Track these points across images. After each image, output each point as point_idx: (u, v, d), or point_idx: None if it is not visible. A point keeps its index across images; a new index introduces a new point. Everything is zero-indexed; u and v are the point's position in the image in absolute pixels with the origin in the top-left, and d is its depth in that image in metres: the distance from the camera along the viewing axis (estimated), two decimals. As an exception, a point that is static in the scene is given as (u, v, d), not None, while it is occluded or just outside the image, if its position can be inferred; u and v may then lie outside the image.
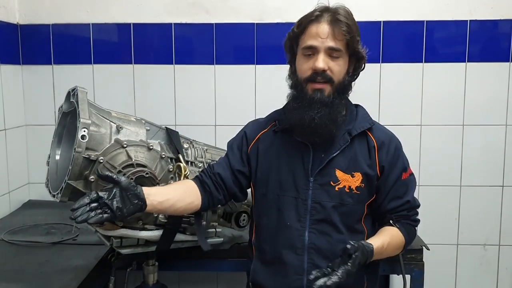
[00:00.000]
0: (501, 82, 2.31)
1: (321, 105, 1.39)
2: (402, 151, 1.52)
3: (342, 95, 1.44)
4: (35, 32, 2.33)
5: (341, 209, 1.44)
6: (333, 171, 1.44)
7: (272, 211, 1.49)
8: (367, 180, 1.45)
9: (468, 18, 2.28)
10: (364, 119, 1.49)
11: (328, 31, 1.38)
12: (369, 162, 1.46)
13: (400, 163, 1.49)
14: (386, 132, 1.52)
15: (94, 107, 1.47)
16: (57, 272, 1.53)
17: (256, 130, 1.58)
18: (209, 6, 2.32)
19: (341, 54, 1.40)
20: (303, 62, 1.42)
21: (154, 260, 1.72)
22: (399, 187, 1.48)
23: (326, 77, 1.39)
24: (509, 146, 2.35)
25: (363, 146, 1.47)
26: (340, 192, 1.43)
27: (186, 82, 2.37)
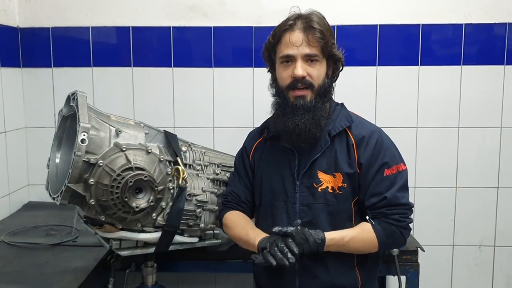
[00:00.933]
0: (496, 84, 2.33)
1: (304, 111, 1.43)
2: (386, 146, 1.48)
3: (324, 98, 1.47)
4: (35, 35, 2.35)
5: (327, 210, 1.46)
6: (315, 173, 1.47)
7: (267, 217, 1.54)
8: (348, 179, 1.46)
9: (464, 21, 2.30)
10: (343, 118, 1.51)
11: (303, 38, 1.41)
12: (349, 160, 1.47)
13: (381, 158, 1.46)
14: (368, 128, 1.51)
15: (93, 111, 1.49)
16: (57, 274, 1.56)
17: (251, 141, 1.65)
18: (208, 9, 2.34)
19: (318, 59, 1.43)
20: (282, 70, 1.47)
21: (153, 262, 1.74)
22: (379, 183, 1.45)
23: (306, 82, 1.43)
24: (504, 148, 2.37)
25: (343, 145, 1.48)
26: (324, 193, 1.46)
27: (185, 84, 2.39)
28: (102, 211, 1.43)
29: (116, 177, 1.39)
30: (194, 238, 1.65)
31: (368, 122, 1.55)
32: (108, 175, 1.39)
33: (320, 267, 1.47)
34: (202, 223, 1.61)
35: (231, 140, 2.36)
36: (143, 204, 1.45)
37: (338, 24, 2.30)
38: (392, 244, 1.50)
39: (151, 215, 1.51)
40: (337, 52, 1.48)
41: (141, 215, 1.48)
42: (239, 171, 1.65)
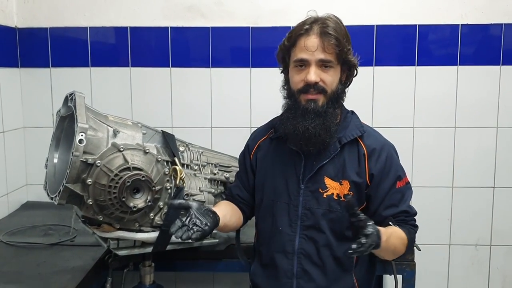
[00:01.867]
0: (492, 85, 2.35)
1: (315, 115, 1.42)
2: (396, 159, 1.51)
3: (336, 103, 1.46)
4: (33, 35, 2.36)
5: (330, 216, 1.46)
6: (322, 178, 1.46)
7: (267, 216, 1.54)
8: (355, 188, 1.46)
9: (460, 22, 2.31)
10: (355, 127, 1.50)
11: (318, 44, 1.40)
12: (358, 170, 1.47)
13: (393, 172, 1.48)
14: (379, 140, 1.52)
15: (91, 111, 1.49)
16: (55, 273, 1.56)
17: (255, 139, 1.64)
18: (205, 10, 2.35)
19: (332, 65, 1.42)
20: (295, 74, 1.45)
21: (151, 261, 1.75)
22: (393, 195, 1.48)
23: (319, 88, 1.42)
24: (500, 147, 2.39)
25: (353, 154, 1.48)
26: (328, 199, 1.45)
27: (183, 84, 2.40)
28: (99, 211, 1.44)
29: (114, 177, 1.40)
30: (192, 237, 1.65)
31: (378, 133, 1.56)
32: (106, 175, 1.40)
33: (318, 271, 1.48)
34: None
35: (228, 140, 2.39)
36: (141, 204, 1.46)
37: (335, 24, 2.31)
38: (411, 247, 1.51)
39: (148, 215, 1.52)
40: (352, 58, 1.46)
41: (138, 215, 1.49)
42: (240, 168, 1.67)
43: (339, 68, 1.45)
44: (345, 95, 1.51)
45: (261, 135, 1.63)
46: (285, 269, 1.50)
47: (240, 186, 1.64)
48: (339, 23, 1.45)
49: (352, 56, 1.47)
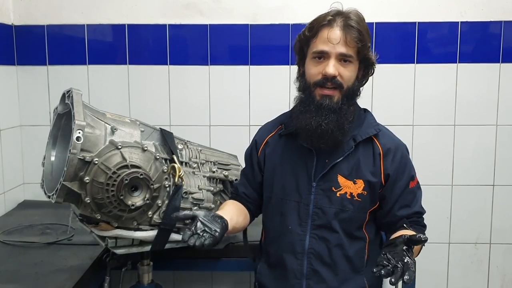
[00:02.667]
0: (492, 82, 2.34)
1: (329, 112, 1.38)
2: (409, 159, 1.49)
3: (351, 100, 1.43)
4: (30, 33, 2.34)
5: (342, 215, 1.43)
6: (335, 177, 1.43)
7: (275, 215, 1.52)
8: (369, 187, 1.43)
9: (459, 19, 2.30)
10: (370, 125, 1.47)
11: (340, 37, 1.36)
12: (373, 169, 1.44)
13: (407, 171, 1.47)
14: (393, 139, 1.50)
15: (89, 108, 1.48)
16: (52, 273, 1.55)
17: (263, 135, 1.61)
18: (203, 7, 2.33)
19: (352, 60, 1.39)
20: (313, 66, 1.41)
21: (149, 260, 1.74)
22: (406, 195, 1.46)
23: (336, 83, 1.38)
24: (500, 145, 2.38)
25: (368, 153, 1.45)
26: (341, 198, 1.43)
27: (181, 82, 2.38)
28: (97, 209, 1.42)
29: (112, 175, 1.38)
30: (190, 236, 1.64)
31: (392, 132, 1.54)
32: (104, 173, 1.38)
33: (329, 271, 1.45)
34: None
35: (227, 138, 2.38)
36: (139, 202, 1.44)
37: (334, 22, 2.30)
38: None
39: (147, 213, 1.50)
40: (371, 55, 1.44)
41: (136, 213, 1.47)
42: (245, 165, 1.65)
43: (357, 64, 1.42)
44: (360, 93, 1.48)
45: (269, 131, 1.60)
46: (294, 270, 1.47)
47: (245, 184, 1.62)
48: (362, 18, 1.42)
49: (371, 54, 1.44)
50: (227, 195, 1.75)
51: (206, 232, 1.27)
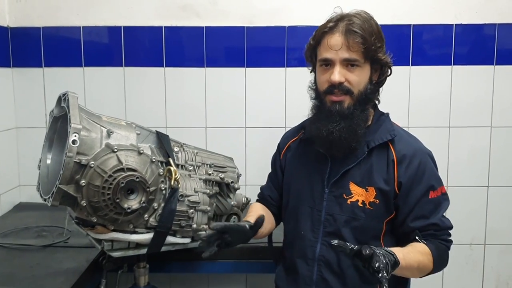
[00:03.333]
0: (486, 84, 2.36)
1: (340, 118, 1.35)
2: (431, 167, 1.41)
3: (364, 105, 1.39)
4: (26, 35, 2.34)
5: (353, 224, 1.39)
6: (347, 184, 1.40)
7: (291, 219, 1.52)
8: (382, 196, 1.38)
9: (454, 22, 2.32)
10: (386, 130, 1.42)
11: (342, 42, 1.33)
12: (386, 176, 1.38)
13: (426, 180, 1.38)
14: (412, 145, 1.42)
15: (84, 111, 1.48)
16: (48, 275, 1.55)
17: (286, 139, 1.62)
18: (200, 9, 2.34)
19: (359, 64, 1.35)
20: (321, 74, 1.40)
21: (145, 262, 1.74)
22: (424, 205, 1.38)
23: (344, 89, 1.35)
24: (494, 147, 2.40)
25: (382, 159, 1.39)
26: (352, 206, 1.39)
27: (177, 84, 2.39)
28: (93, 212, 1.42)
29: (108, 178, 1.39)
30: (187, 239, 1.64)
31: (412, 137, 1.47)
32: (100, 176, 1.39)
33: (338, 280, 1.42)
34: (194, 223, 1.61)
35: (223, 139, 2.39)
36: (135, 205, 1.44)
37: (330, 24, 2.31)
38: (442, 263, 1.41)
39: (143, 216, 1.50)
40: (383, 56, 1.39)
41: (133, 216, 1.47)
42: (271, 169, 1.67)
43: (367, 67, 1.37)
44: (377, 95, 1.45)
45: (292, 136, 1.60)
46: (304, 276, 1.45)
47: (271, 187, 1.62)
48: (368, 19, 1.38)
49: (384, 54, 1.39)
50: (223, 197, 1.75)
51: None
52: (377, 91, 1.44)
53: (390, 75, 1.45)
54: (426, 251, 1.35)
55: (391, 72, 1.45)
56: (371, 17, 1.39)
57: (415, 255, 1.32)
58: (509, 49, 2.33)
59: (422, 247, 1.36)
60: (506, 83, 2.35)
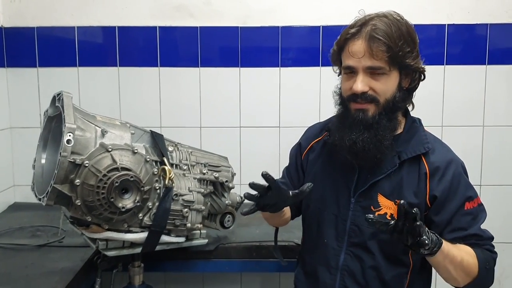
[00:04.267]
0: (478, 84, 2.38)
1: (364, 127, 1.29)
2: (465, 178, 1.34)
3: (392, 114, 1.31)
4: (20, 35, 2.34)
5: (380, 237, 1.32)
6: (375, 195, 1.33)
7: (313, 225, 1.47)
8: None
9: (446, 22, 2.33)
10: (420, 142, 1.35)
11: (364, 49, 1.25)
12: (416, 189, 1.32)
13: (462, 191, 1.31)
14: (445, 156, 1.34)
15: (79, 111, 1.49)
16: (43, 275, 1.55)
17: (309, 139, 1.55)
18: (194, 10, 2.34)
19: (384, 71, 1.27)
20: (345, 80, 1.34)
21: (140, 262, 1.74)
22: (461, 218, 1.30)
23: (368, 98, 1.28)
24: (486, 146, 2.42)
25: (414, 172, 1.33)
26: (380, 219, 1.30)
27: (171, 84, 2.39)
28: (88, 211, 1.43)
29: (102, 177, 1.40)
30: (181, 238, 1.65)
31: (445, 147, 1.40)
32: (94, 176, 1.39)
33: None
34: (188, 222, 1.62)
35: (218, 139, 2.40)
36: (129, 205, 1.45)
37: (323, 24, 2.33)
38: (488, 274, 1.30)
39: (137, 215, 1.51)
40: (413, 61, 1.29)
41: (127, 216, 1.48)
42: (289, 166, 1.59)
43: (396, 73, 1.29)
44: (409, 102, 1.38)
45: (316, 136, 1.53)
46: (326, 284, 1.41)
47: (288, 184, 1.54)
48: (397, 22, 1.28)
49: (415, 59, 1.30)
50: (217, 196, 1.77)
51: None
52: (408, 98, 1.37)
53: (424, 79, 1.37)
54: (470, 252, 1.28)
55: (424, 77, 1.36)
56: (400, 19, 1.30)
57: (459, 250, 1.25)
58: (501, 49, 2.35)
59: (467, 248, 1.28)
60: (497, 82, 2.37)
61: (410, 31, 1.31)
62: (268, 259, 1.85)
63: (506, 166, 2.44)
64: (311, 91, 2.37)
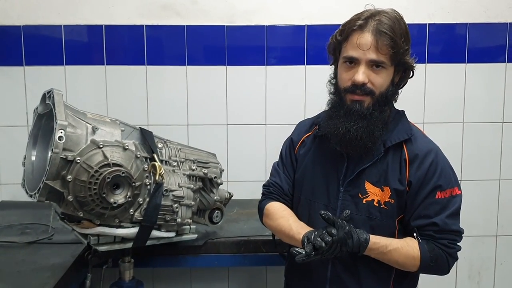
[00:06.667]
0: (458, 82, 2.45)
1: (359, 118, 1.33)
2: (442, 168, 1.37)
3: (384, 106, 1.36)
4: (6, 33, 2.33)
5: (369, 223, 1.38)
6: (362, 183, 1.38)
7: (304, 216, 1.49)
8: (396, 195, 1.36)
9: (427, 21, 2.40)
10: (403, 130, 1.40)
11: (371, 43, 1.30)
12: (400, 176, 1.36)
13: (435, 180, 1.35)
14: (425, 145, 1.39)
15: (70, 108, 1.50)
16: (34, 271, 1.56)
17: (300, 134, 1.58)
18: (180, 8, 2.37)
19: (384, 66, 1.32)
20: (344, 71, 1.37)
21: (130, 257, 1.77)
22: (428, 205, 1.35)
23: (366, 90, 1.33)
24: (466, 142, 2.49)
25: (396, 159, 1.37)
26: (368, 205, 1.37)
27: (158, 82, 2.41)
28: (80, 207, 1.45)
29: (94, 173, 1.42)
30: (171, 233, 1.68)
31: (427, 138, 1.45)
32: (86, 172, 1.41)
33: (352, 279, 1.41)
34: (179, 218, 1.65)
35: (205, 137, 2.42)
36: (121, 200, 1.48)
37: (308, 24, 2.37)
38: (435, 268, 1.38)
39: (128, 210, 1.54)
40: (409, 59, 1.36)
41: (118, 211, 1.51)
42: (284, 162, 1.59)
43: (392, 69, 1.35)
44: (397, 96, 1.43)
45: (306, 131, 1.57)
46: (318, 272, 1.45)
47: (289, 182, 1.57)
48: (399, 20, 1.33)
49: (409, 57, 1.36)
50: (206, 192, 1.80)
51: None
52: (397, 93, 1.43)
53: (412, 77, 1.43)
54: (413, 249, 1.35)
55: (413, 74, 1.42)
56: (401, 17, 1.35)
57: (394, 252, 1.34)
58: (479, 48, 2.42)
59: (411, 244, 1.35)
60: (476, 80, 2.45)
61: (408, 30, 1.36)
62: (256, 253, 1.88)
63: (485, 161, 2.52)
64: (296, 89, 2.42)
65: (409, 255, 1.35)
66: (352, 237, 1.28)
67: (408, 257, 1.35)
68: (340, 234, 1.26)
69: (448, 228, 1.35)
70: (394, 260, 1.36)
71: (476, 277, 2.61)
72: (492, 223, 2.57)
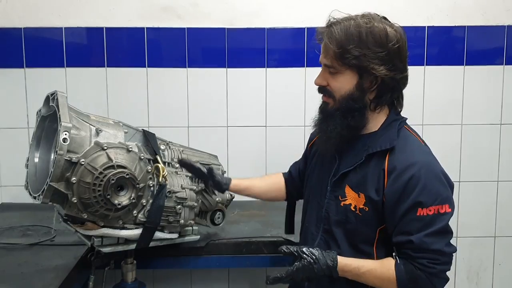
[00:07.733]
0: (457, 84, 2.47)
1: (326, 116, 1.41)
2: (425, 184, 1.29)
3: (349, 112, 1.36)
4: (7, 35, 2.33)
5: (345, 226, 1.40)
6: (344, 186, 1.41)
7: (303, 211, 1.61)
8: (371, 204, 1.35)
9: (426, 24, 2.42)
10: (388, 138, 1.36)
11: (323, 47, 1.39)
12: (377, 186, 1.34)
13: (414, 196, 1.28)
14: (409, 158, 1.32)
15: (73, 110, 1.51)
16: (37, 272, 1.57)
17: (313, 135, 1.66)
18: (181, 11, 2.38)
19: (338, 70, 1.35)
20: None
21: (133, 259, 1.77)
22: (409, 222, 1.30)
23: (325, 92, 1.41)
24: (464, 144, 2.51)
25: (377, 168, 1.35)
26: (345, 209, 1.40)
27: (159, 85, 2.42)
28: (84, 208, 1.46)
29: (98, 175, 1.42)
30: (174, 234, 1.69)
31: (419, 150, 1.37)
32: (90, 173, 1.42)
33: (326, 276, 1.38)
34: (181, 219, 1.65)
35: (205, 139, 2.43)
36: (125, 201, 1.48)
37: (308, 26, 2.39)
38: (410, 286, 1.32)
39: (132, 212, 1.54)
40: (370, 65, 1.30)
41: (122, 212, 1.51)
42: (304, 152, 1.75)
43: (351, 74, 1.35)
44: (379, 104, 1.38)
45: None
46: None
47: (297, 166, 1.76)
48: (357, 27, 1.32)
49: (378, 64, 1.31)
50: (208, 194, 1.80)
51: None
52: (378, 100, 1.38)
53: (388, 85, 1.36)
54: (388, 271, 1.33)
55: (378, 82, 1.34)
56: (363, 25, 1.33)
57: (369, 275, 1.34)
58: (478, 50, 2.45)
59: (387, 266, 1.33)
60: (475, 82, 2.47)
61: (371, 37, 1.31)
62: (257, 254, 1.89)
63: (483, 163, 2.54)
64: (296, 91, 2.43)
65: (384, 277, 1.33)
66: (318, 262, 1.34)
67: (383, 279, 1.33)
68: (302, 262, 1.35)
69: (426, 247, 1.28)
70: (370, 282, 1.36)
71: (475, 278, 2.63)
72: (491, 224, 2.59)
